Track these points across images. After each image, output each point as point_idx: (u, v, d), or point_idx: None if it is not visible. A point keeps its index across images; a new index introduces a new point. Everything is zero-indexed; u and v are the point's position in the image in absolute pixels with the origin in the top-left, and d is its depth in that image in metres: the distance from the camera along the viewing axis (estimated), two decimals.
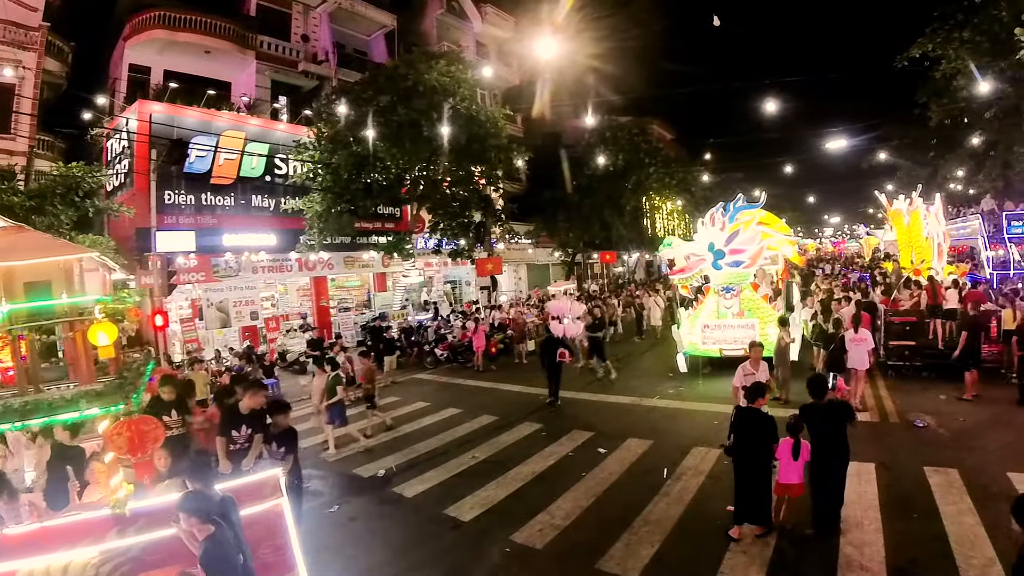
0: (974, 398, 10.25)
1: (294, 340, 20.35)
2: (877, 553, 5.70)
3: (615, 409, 11.98)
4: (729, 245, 13.70)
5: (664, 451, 8.96)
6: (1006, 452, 7.87)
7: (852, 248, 54.44)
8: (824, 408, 6.13)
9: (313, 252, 20.69)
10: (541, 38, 16.99)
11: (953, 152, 32.30)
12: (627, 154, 32.96)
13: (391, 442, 10.69)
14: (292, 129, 21.58)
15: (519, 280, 34.29)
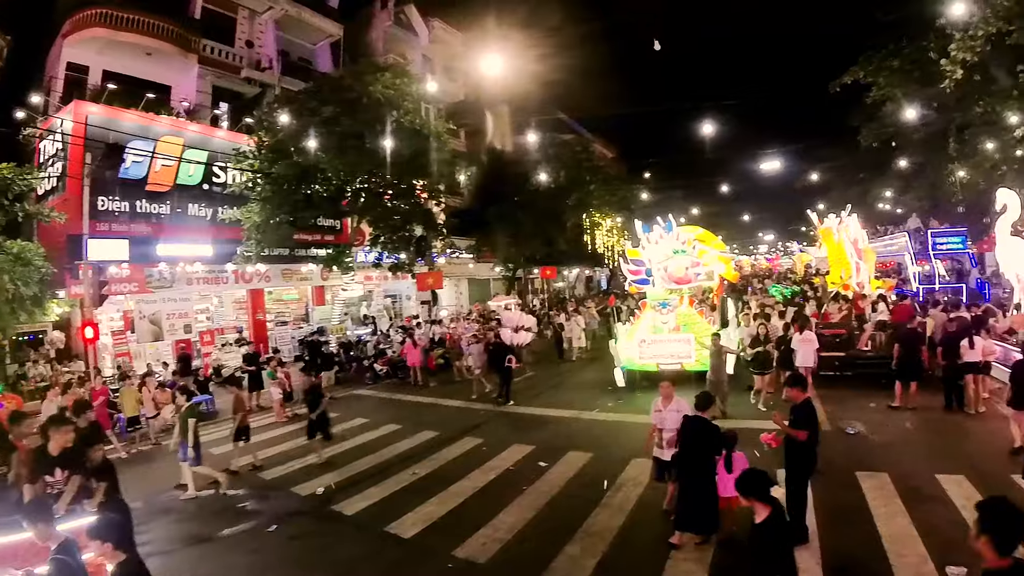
0: (906, 407, 10.80)
1: (229, 354, 19.64)
2: (814, 555, 5.90)
3: (555, 423, 12.09)
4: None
5: (604, 463, 9.09)
6: (934, 455, 8.37)
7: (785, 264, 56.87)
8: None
9: (250, 264, 20.07)
10: (487, 55, 17.16)
11: (882, 173, 34.39)
12: (569, 171, 33.54)
13: (330, 459, 10.44)
14: (232, 136, 20.97)
15: (460, 295, 34.23)
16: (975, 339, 10.54)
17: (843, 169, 38.83)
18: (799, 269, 42.74)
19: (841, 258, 21.76)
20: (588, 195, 35.29)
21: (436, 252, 25.86)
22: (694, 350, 13.74)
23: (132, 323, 18.96)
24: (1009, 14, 13.42)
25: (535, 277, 39.64)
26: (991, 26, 13.74)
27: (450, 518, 7.56)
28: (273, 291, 23.41)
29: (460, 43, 32.85)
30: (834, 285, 21.94)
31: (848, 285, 20.62)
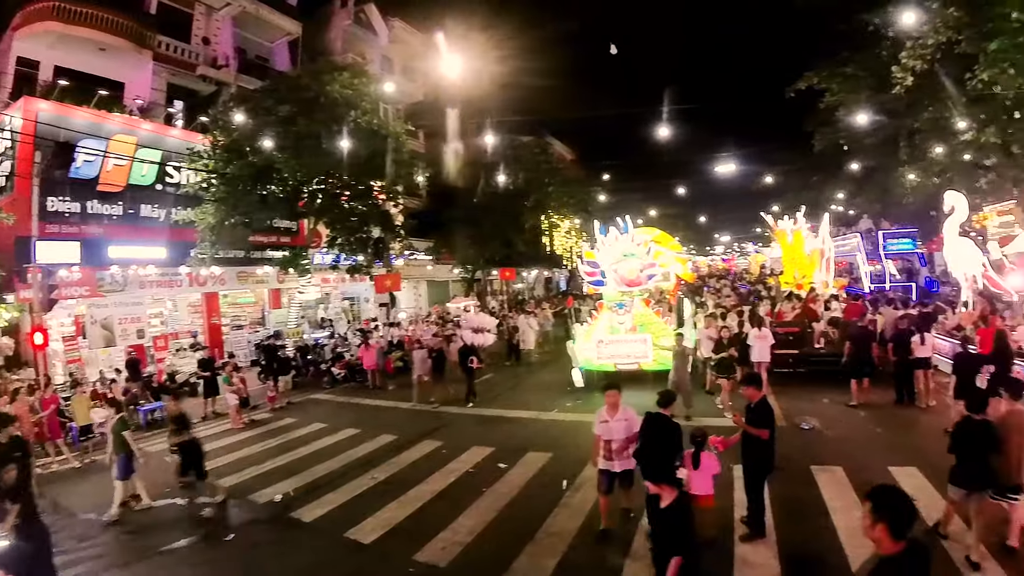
0: (860, 405, 11.22)
1: (184, 360, 19.12)
2: (771, 549, 6.13)
3: (514, 424, 12.18)
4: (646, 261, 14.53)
5: (564, 463, 9.17)
6: (887, 448, 8.75)
7: (741, 264, 58.25)
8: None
9: (205, 267, 19.62)
10: (447, 56, 17.18)
11: (835, 176, 35.52)
12: (528, 173, 33.73)
13: (288, 465, 10.34)
14: (187, 135, 20.38)
15: (419, 297, 34.05)
16: (925, 336, 11.09)
17: (797, 172, 40.03)
18: (754, 269, 43.80)
19: (795, 258, 22.55)
20: (547, 197, 35.59)
21: (394, 254, 25.72)
22: (651, 350, 13.95)
23: (83, 328, 18.25)
24: (958, 24, 14.12)
25: (494, 278, 39.70)
26: (941, 35, 14.44)
27: (410, 522, 7.56)
28: (228, 294, 22.85)
29: (420, 43, 32.61)
30: (787, 285, 22.70)
31: (801, 285, 21.39)
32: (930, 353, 11.06)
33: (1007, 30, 12.82)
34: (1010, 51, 13.10)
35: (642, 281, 14.76)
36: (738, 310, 16.55)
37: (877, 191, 31.92)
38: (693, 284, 29.94)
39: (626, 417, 6.69)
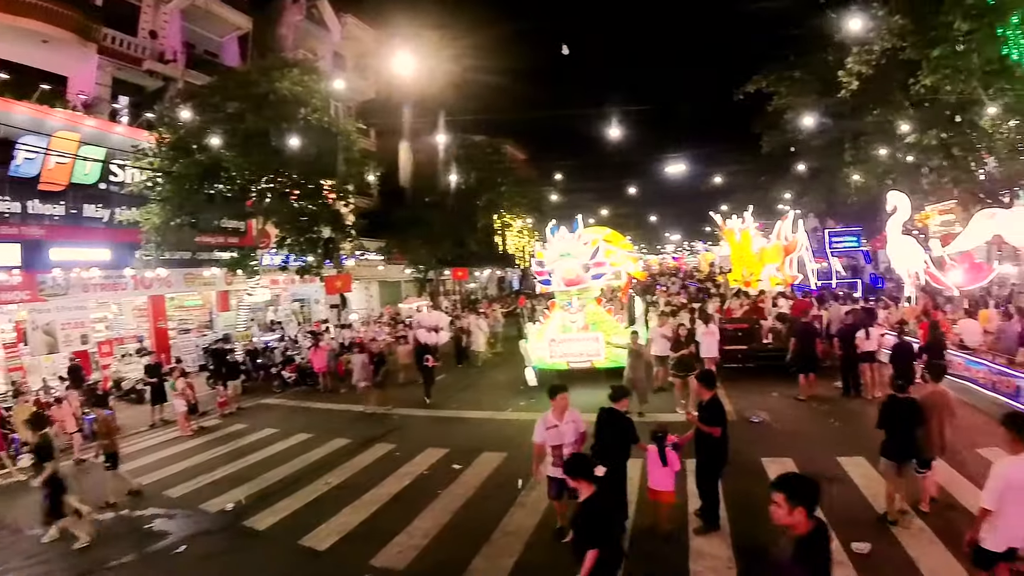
0: (809, 398, 11.70)
1: (130, 366, 18.50)
2: (725, 541, 6.37)
3: (468, 424, 12.26)
4: (592, 260, 14.64)
5: (518, 462, 9.17)
6: (835, 439, 9.14)
7: (691, 263, 59.58)
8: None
9: (150, 269, 19.03)
10: (400, 53, 17.10)
11: (782, 177, 36.71)
12: (481, 172, 33.79)
13: (239, 473, 10.17)
14: (132, 132, 19.70)
15: (370, 298, 33.77)
16: (870, 330, 11.64)
17: (746, 172, 41.29)
18: (704, 267, 44.85)
19: (744, 256, 23.28)
20: (499, 196, 35.77)
21: (345, 254, 25.40)
22: (603, 348, 14.12)
23: (25, 335, 17.44)
24: (903, 31, 14.87)
25: (447, 278, 39.65)
26: (886, 42, 15.15)
27: (365, 527, 7.55)
28: (175, 297, 22.17)
29: (373, 40, 32.33)
30: (736, 282, 23.44)
31: (749, 282, 22.12)
32: (875, 347, 11.61)
33: (950, 38, 13.63)
34: (952, 58, 13.96)
35: (583, 280, 14.81)
36: (690, 308, 16.98)
37: (823, 191, 33.18)
38: (644, 282, 30.54)
39: (573, 419, 6.52)
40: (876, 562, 5.77)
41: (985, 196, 20.28)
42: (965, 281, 14.42)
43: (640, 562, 6.06)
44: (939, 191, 25.92)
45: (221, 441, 12.51)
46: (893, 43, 15.20)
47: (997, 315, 12.64)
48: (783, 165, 34.03)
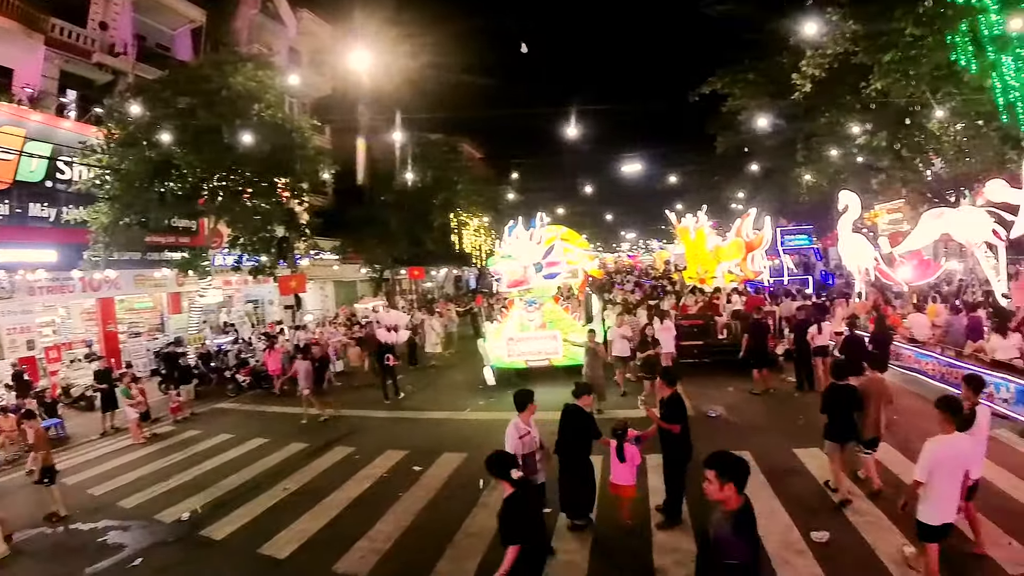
0: (763, 392, 12.09)
1: (79, 372, 17.76)
2: (687, 533, 6.53)
3: (427, 425, 12.24)
4: (546, 259, 14.76)
5: (479, 462, 9.07)
6: (790, 431, 9.45)
7: (646, 261, 60.53)
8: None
9: (99, 270, 18.32)
10: (357, 49, 16.93)
11: (736, 176, 37.62)
12: (437, 171, 33.62)
13: (194, 481, 9.97)
14: (80, 128, 18.98)
15: (325, 298, 33.27)
16: (822, 325, 12.08)
17: (700, 172, 42.12)
18: (659, 265, 45.66)
19: (698, 254, 23.82)
20: (455, 194, 35.62)
21: (299, 253, 24.93)
22: (561, 346, 14.31)
23: None
24: (856, 36, 15.38)
25: (403, 278, 39.38)
26: (840, 46, 15.65)
27: (326, 533, 7.51)
28: (125, 299, 21.47)
29: (329, 35, 31.84)
30: (691, 280, 23.97)
31: (704, 279, 22.66)
32: (827, 341, 12.05)
33: (901, 44, 14.17)
34: (903, 63, 14.51)
35: (526, 281, 15.00)
36: (646, 305, 17.32)
37: (775, 190, 34.15)
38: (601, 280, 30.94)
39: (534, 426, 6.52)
40: (835, 550, 6.03)
41: (932, 196, 21.31)
42: (914, 277, 15.00)
43: (604, 556, 6.23)
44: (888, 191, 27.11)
45: (175, 448, 12.22)
46: (846, 47, 15.73)
47: (945, 309, 13.25)
48: (737, 165, 34.93)
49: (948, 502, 4.98)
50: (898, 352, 12.84)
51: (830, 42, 15.94)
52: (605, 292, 24.04)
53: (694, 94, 22.51)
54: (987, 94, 13.96)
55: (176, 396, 14.86)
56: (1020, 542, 5.84)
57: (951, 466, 4.92)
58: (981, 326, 11.80)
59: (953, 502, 5.02)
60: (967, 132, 18.00)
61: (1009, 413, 9.20)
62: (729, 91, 22.17)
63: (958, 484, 5.01)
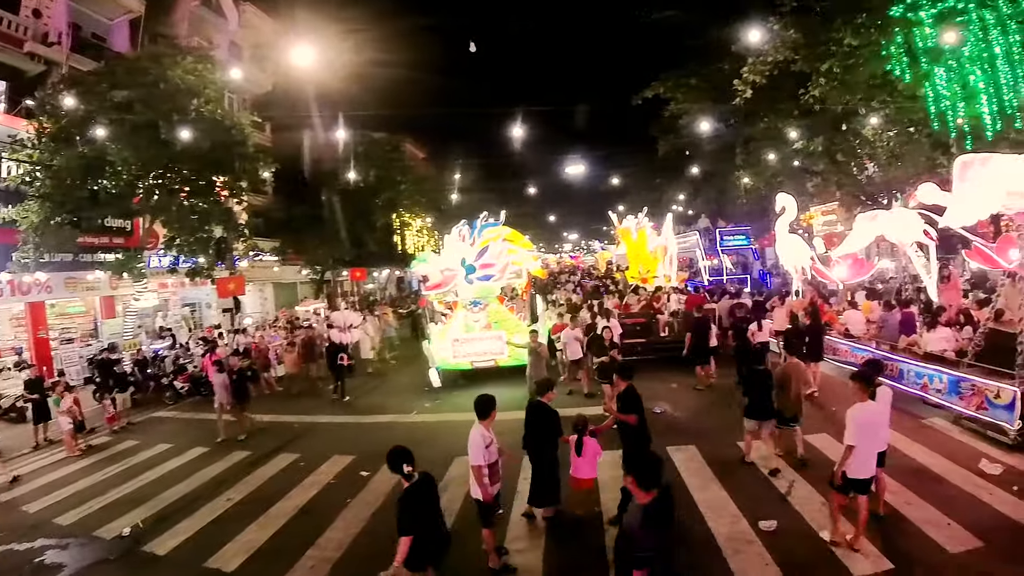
0: (706, 387, 12.57)
1: (8, 381, 16.98)
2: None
3: (374, 428, 12.20)
4: (479, 260, 14.82)
5: (427, 464, 9.16)
6: (733, 425, 9.59)
7: (588, 261, 61.40)
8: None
9: (28, 272, 17.47)
10: (299, 45, 16.67)
11: (677, 179, 38.65)
12: (380, 170, 33.38)
13: (134, 494, 9.67)
14: (9, 121, 18.07)
15: (265, 300, 32.60)
16: (762, 322, 12.64)
17: (642, 174, 43.16)
18: (601, 266, 46.42)
19: (640, 254, 24.46)
20: (398, 194, 35.40)
21: (238, 255, 24.40)
22: (506, 346, 14.47)
23: None
24: (796, 45, 15.95)
25: (344, 279, 38.87)
26: (780, 54, 16.23)
27: (274, 543, 7.43)
28: (56, 303, 20.46)
29: (272, 30, 31.09)
30: (633, 279, 24.61)
31: (646, 279, 23.29)
32: (767, 338, 12.61)
33: (839, 53, 14.74)
34: (839, 71, 15.11)
35: (444, 284, 15.39)
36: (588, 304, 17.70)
37: (715, 192, 35.37)
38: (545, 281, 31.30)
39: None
40: (783, 537, 6.38)
41: (866, 198, 22.43)
42: (848, 276, 15.64)
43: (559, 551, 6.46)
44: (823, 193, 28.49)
45: (112, 460, 11.80)
46: (786, 55, 16.15)
47: (879, 306, 13.86)
48: (678, 167, 35.96)
49: (870, 458, 5.99)
50: (835, 347, 13.46)
51: (771, 50, 16.37)
52: (548, 293, 24.35)
53: (637, 98, 22.97)
54: (920, 103, 14.62)
55: (112, 405, 14.31)
56: (959, 523, 6.28)
57: (869, 428, 5.91)
58: (914, 321, 12.46)
59: (873, 458, 6.03)
60: (900, 138, 18.87)
61: (943, 403, 9.78)
62: (672, 95, 22.74)
63: (876, 443, 6.05)
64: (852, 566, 5.72)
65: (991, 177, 8.38)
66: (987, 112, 12.73)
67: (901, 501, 6.88)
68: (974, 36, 12.54)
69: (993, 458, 7.85)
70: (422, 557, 4.97)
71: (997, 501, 6.74)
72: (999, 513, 6.49)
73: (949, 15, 12.64)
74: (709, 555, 6.17)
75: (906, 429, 9.23)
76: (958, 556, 5.76)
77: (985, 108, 12.73)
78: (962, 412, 9.33)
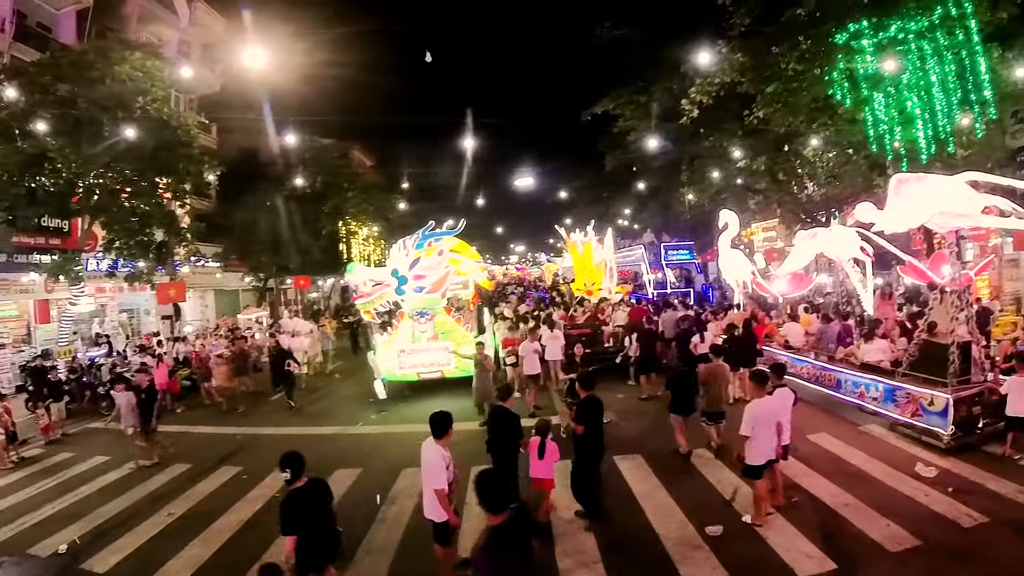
0: (651, 397, 12.91)
1: None
2: (589, 537, 7.03)
3: (319, 440, 12.11)
4: (412, 271, 14.58)
5: (375, 477, 9.41)
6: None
7: (535, 273, 62.02)
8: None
9: None
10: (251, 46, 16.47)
11: (623, 193, 39.46)
12: (327, 177, 33.09)
13: (70, 509, 9.37)
14: None
15: (206, 308, 31.77)
16: (704, 334, 13.10)
17: (589, 188, 43.91)
18: (547, 278, 46.98)
19: (585, 267, 25.00)
20: (345, 202, 35.17)
21: (179, 260, 23.82)
22: (453, 357, 14.38)
23: None
24: (742, 68, 16.57)
25: (288, 287, 38.27)
26: (727, 76, 16.84)
27: (219, 559, 7.34)
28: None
29: (223, 29, 30.38)
30: (579, 291, 25.11)
31: (591, 291, 23.79)
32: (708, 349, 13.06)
33: (783, 77, 15.39)
34: (783, 94, 15.79)
35: (368, 293, 15.55)
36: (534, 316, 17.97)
37: (660, 208, 36.39)
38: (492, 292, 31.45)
39: None
40: (729, 541, 6.69)
41: (805, 216, 23.48)
42: (788, 290, 16.19)
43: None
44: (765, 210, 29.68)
45: (47, 473, 11.41)
46: (733, 77, 16.77)
47: (817, 319, 14.58)
48: (625, 182, 36.79)
49: (766, 446, 6.88)
50: (775, 358, 13.97)
51: (719, 72, 16.93)
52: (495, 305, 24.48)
53: (587, 113, 23.46)
54: (859, 126, 15.35)
55: (46, 415, 13.80)
56: (897, 523, 6.68)
57: (765, 420, 6.83)
58: (851, 333, 13.17)
59: (770, 446, 6.91)
60: (839, 159, 19.96)
61: (879, 410, 10.39)
62: (620, 112, 23.30)
63: (773, 433, 6.92)
64: (797, 567, 6.04)
65: (924, 192, 8.97)
66: (922, 136, 13.56)
67: (841, 504, 7.34)
68: (912, 65, 13.34)
69: (928, 462, 8.42)
70: (316, 557, 5.31)
71: (933, 502, 7.22)
72: (935, 513, 6.96)
73: (889, 44, 13.44)
74: (658, 561, 6.42)
75: (844, 436, 9.92)
76: (898, 555, 6.11)
77: (921, 132, 13.56)
78: (898, 419, 9.95)
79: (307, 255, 32.56)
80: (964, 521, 6.69)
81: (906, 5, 13.07)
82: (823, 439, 9.88)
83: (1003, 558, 5.92)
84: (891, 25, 13.30)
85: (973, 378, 9.40)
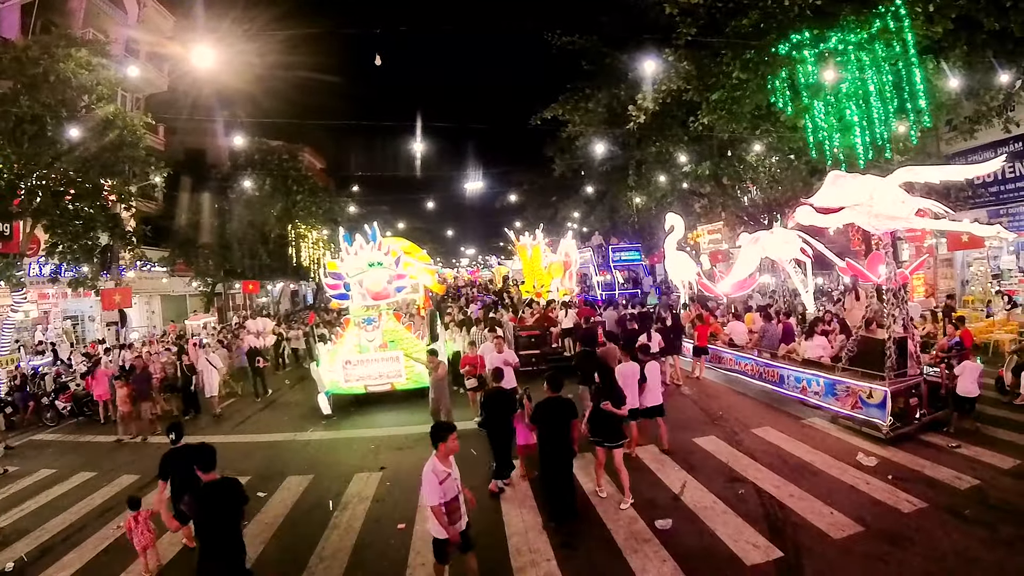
0: None
1: None
2: (541, 535, 7.13)
3: (269, 448, 11.99)
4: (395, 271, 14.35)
5: (326, 483, 9.39)
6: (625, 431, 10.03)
7: (486, 276, 62.25)
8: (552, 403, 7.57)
9: None
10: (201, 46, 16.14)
11: (572, 197, 39.93)
12: (275, 179, 32.60)
13: (14, 525, 9.07)
14: None
15: (152, 314, 31.14)
16: (651, 333, 13.41)
17: (538, 192, 44.49)
18: (498, 280, 47.47)
19: (535, 270, 25.35)
20: (294, 205, 34.76)
21: (124, 264, 23.19)
22: (404, 368, 13.59)
23: None
24: (688, 76, 16.94)
25: (237, 292, 37.55)
26: (673, 84, 17.20)
27: (170, 571, 7.23)
28: None
29: (172, 28, 29.69)
30: (528, 293, 25.42)
31: (540, 293, 24.11)
32: (657, 347, 13.33)
33: (727, 85, 15.81)
34: (727, 102, 16.17)
35: (390, 294, 14.06)
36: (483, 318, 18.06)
37: (607, 211, 36.94)
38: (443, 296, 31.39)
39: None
40: (678, 535, 6.88)
41: (748, 219, 24.21)
42: (732, 290, 16.75)
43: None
44: (710, 214, 30.52)
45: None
46: (679, 85, 17.14)
47: (760, 317, 15.04)
48: (573, 186, 37.58)
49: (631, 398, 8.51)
50: (720, 355, 14.70)
51: (665, 79, 17.32)
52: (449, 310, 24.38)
53: (536, 119, 23.69)
54: (800, 132, 15.87)
55: None
56: (840, 511, 7.02)
57: (627, 379, 8.71)
58: (792, 331, 13.71)
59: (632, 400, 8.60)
60: (780, 164, 20.59)
61: (821, 404, 10.87)
62: (569, 118, 23.61)
63: (634, 389, 8.82)
64: (745, 557, 6.27)
65: (859, 187, 9.48)
66: (860, 143, 14.16)
67: (786, 495, 7.67)
68: (851, 74, 13.92)
69: (868, 451, 8.89)
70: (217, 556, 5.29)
71: (874, 490, 7.59)
72: (876, 500, 7.33)
73: (830, 55, 14.02)
74: (610, 555, 6.58)
75: (788, 429, 10.34)
76: (841, 541, 6.40)
77: (859, 139, 14.15)
78: (839, 412, 10.44)
79: (256, 259, 31.93)
80: (904, 507, 7.09)
81: (846, 18, 13.69)
82: (768, 433, 10.26)
83: (941, 540, 6.28)
84: (831, 37, 13.89)
85: (909, 371, 9.94)
